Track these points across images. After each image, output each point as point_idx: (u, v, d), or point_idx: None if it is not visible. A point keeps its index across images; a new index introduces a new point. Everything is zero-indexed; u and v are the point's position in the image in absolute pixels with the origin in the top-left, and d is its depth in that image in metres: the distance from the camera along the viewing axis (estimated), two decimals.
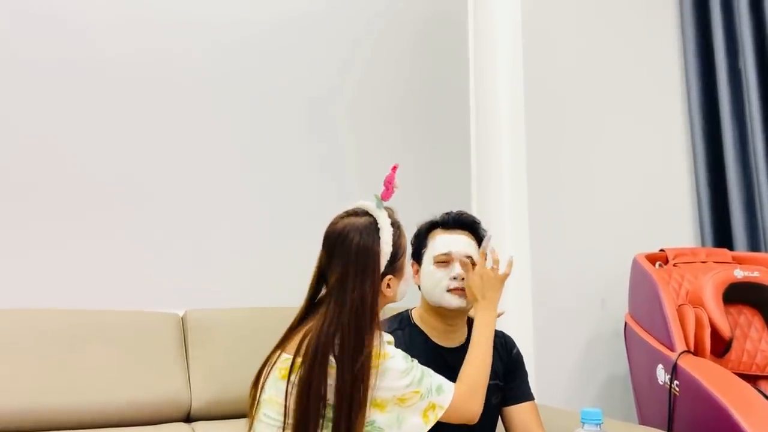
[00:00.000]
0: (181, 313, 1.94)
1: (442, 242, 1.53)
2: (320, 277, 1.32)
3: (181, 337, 1.90)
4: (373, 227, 1.29)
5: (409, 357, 1.27)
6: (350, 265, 1.25)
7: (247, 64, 2.31)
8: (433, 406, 1.23)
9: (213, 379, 1.84)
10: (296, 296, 2.03)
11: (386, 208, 1.34)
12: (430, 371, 1.27)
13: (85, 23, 2.06)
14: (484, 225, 1.62)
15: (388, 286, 1.31)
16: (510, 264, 1.50)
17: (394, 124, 2.62)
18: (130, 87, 2.10)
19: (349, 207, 1.35)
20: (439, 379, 1.27)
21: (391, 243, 1.29)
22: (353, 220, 1.30)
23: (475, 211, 2.77)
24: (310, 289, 1.33)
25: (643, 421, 2.25)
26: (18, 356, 1.66)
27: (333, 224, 1.32)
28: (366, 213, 1.32)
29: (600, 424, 1.12)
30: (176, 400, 1.79)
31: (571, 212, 2.76)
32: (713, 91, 3.05)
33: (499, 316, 1.67)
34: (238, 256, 2.19)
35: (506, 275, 1.49)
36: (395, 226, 1.32)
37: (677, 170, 3.09)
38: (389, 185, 1.36)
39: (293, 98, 2.39)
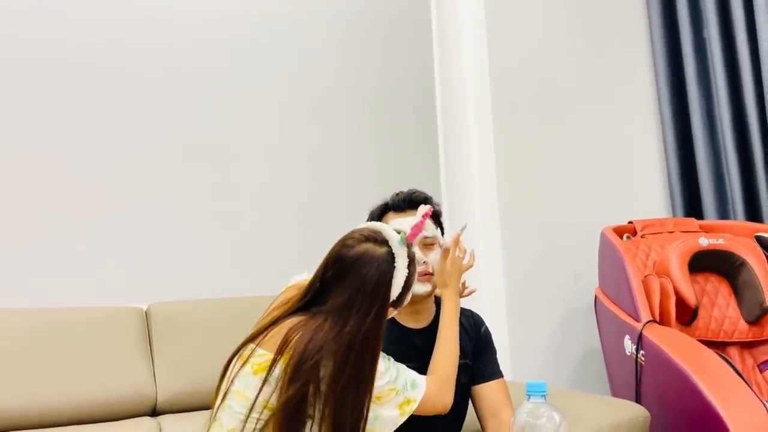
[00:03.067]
0: (144, 307, 1.93)
1: (397, 227, 1.49)
2: (320, 286, 1.26)
3: (145, 331, 1.89)
4: (391, 263, 1.23)
5: (386, 355, 1.26)
6: (359, 296, 1.20)
7: (217, 62, 2.30)
8: (408, 401, 1.24)
9: (178, 372, 1.84)
10: (259, 286, 2.04)
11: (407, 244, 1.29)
12: (403, 367, 1.28)
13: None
14: (454, 206, 1.61)
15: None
16: (473, 257, 1.52)
17: (363, 117, 2.61)
18: (100, 79, 2.08)
19: (369, 226, 1.29)
20: (413, 375, 1.28)
21: (402, 285, 1.25)
22: (372, 248, 1.24)
23: (444, 192, 2.77)
24: (305, 292, 1.27)
25: (615, 392, 2.27)
26: None
27: (349, 245, 1.25)
28: (385, 242, 1.25)
29: (545, 396, 1.12)
30: (142, 394, 1.78)
31: (541, 189, 2.76)
32: (679, 62, 3.05)
33: (470, 293, 1.67)
34: (200, 247, 2.18)
35: (469, 266, 1.51)
36: (411, 265, 1.27)
37: (646, 142, 3.10)
38: (417, 231, 1.33)
39: (261, 93, 2.38)
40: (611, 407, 1.79)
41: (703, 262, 2.26)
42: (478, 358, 1.57)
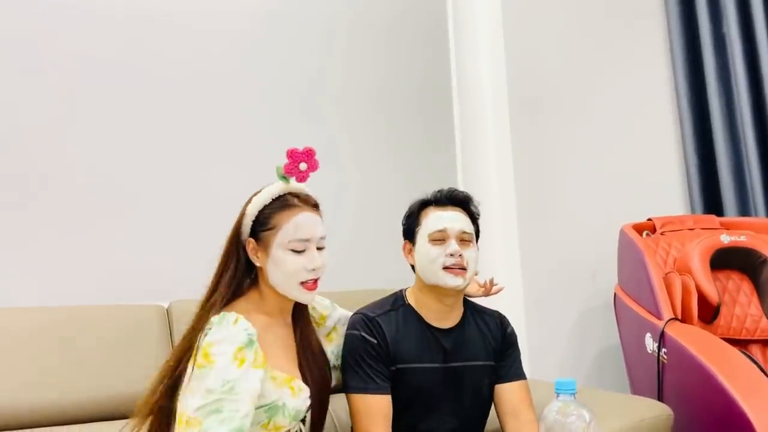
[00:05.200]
0: (165, 305, 1.94)
1: (436, 219, 1.48)
2: None
3: (167, 329, 1.90)
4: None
5: (230, 384, 1.14)
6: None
7: (228, 60, 2.29)
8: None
9: None
10: None
11: (297, 191, 1.35)
12: (227, 416, 1.12)
13: (79, 19, 2.04)
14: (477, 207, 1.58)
15: (257, 255, 1.31)
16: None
17: (380, 116, 2.61)
18: (114, 82, 2.08)
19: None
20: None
21: (258, 206, 1.31)
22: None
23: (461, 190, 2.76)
24: None
25: (635, 391, 2.26)
26: (5, 355, 1.66)
27: None
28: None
29: (574, 394, 1.11)
30: None
31: (559, 185, 2.75)
32: (698, 58, 3.03)
33: (498, 291, 1.66)
34: (219, 245, 2.18)
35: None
36: (280, 201, 1.32)
37: (665, 138, 3.08)
38: (289, 156, 1.34)
39: (280, 93, 2.38)
40: (634, 405, 1.78)
41: (725, 260, 2.24)
42: (503, 358, 1.56)
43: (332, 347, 1.51)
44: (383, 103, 2.62)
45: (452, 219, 1.48)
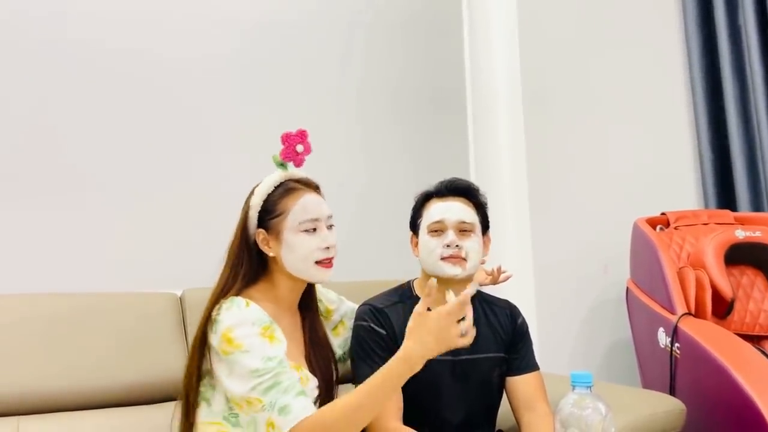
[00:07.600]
0: (179, 293, 1.95)
1: (435, 210, 1.49)
2: None
3: (180, 317, 1.90)
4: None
5: (274, 357, 1.18)
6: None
7: (252, 56, 2.30)
8: (272, 424, 1.15)
9: None
10: None
11: (297, 176, 1.37)
12: (289, 384, 1.17)
13: (82, 14, 2.04)
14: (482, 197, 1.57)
15: (268, 245, 1.32)
16: (469, 334, 1.22)
17: (393, 107, 2.60)
18: (125, 76, 2.08)
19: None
20: (289, 400, 1.15)
21: (262, 196, 1.33)
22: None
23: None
24: None
25: (646, 385, 2.25)
26: (17, 341, 1.67)
27: None
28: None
29: (590, 387, 1.10)
30: (176, 379, 1.77)
31: (572, 179, 2.73)
32: (714, 50, 2.99)
33: (506, 279, 1.65)
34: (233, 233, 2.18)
35: (455, 346, 1.19)
36: (283, 187, 1.34)
37: (679, 132, 3.05)
38: (284, 141, 1.36)
39: (299, 87, 2.38)
40: (647, 399, 1.77)
41: (739, 255, 2.22)
42: (514, 350, 1.56)
43: (339, 341, 1.52)
44: (399, 99, 2.62)
45: (449, 209, 1.48)
